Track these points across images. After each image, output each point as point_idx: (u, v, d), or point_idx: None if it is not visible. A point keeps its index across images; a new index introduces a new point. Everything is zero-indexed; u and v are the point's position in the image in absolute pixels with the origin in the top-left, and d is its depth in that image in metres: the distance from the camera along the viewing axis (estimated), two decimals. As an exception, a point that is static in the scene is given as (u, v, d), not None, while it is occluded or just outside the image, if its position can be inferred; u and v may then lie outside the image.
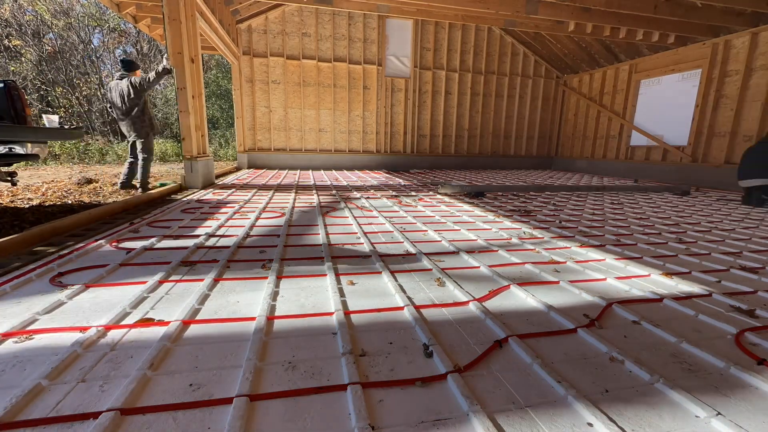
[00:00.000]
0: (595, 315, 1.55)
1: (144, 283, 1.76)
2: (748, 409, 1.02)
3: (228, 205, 3.93)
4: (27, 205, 4.52)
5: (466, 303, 1.64)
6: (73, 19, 16.03)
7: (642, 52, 8.54)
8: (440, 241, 2.69)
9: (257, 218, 3.31)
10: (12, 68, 15.21)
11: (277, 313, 1.50)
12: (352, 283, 1.84)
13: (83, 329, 1.32)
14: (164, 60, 4.91)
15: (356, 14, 9.19)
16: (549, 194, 5.63)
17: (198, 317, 1.45)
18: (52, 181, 7.06)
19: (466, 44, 10.06)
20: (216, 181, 6.18)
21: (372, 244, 2.57)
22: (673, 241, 2.87)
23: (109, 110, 5.47)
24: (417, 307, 1.57)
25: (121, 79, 5.26)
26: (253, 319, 1.43)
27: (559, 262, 2.26)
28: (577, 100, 10.64)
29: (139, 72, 5.43)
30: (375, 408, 0.98)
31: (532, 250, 2.52)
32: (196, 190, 5.10)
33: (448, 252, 2.43)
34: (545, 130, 11.38)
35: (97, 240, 2.46)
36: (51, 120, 4.22)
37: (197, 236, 2.66)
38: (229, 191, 5.03)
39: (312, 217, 3.42)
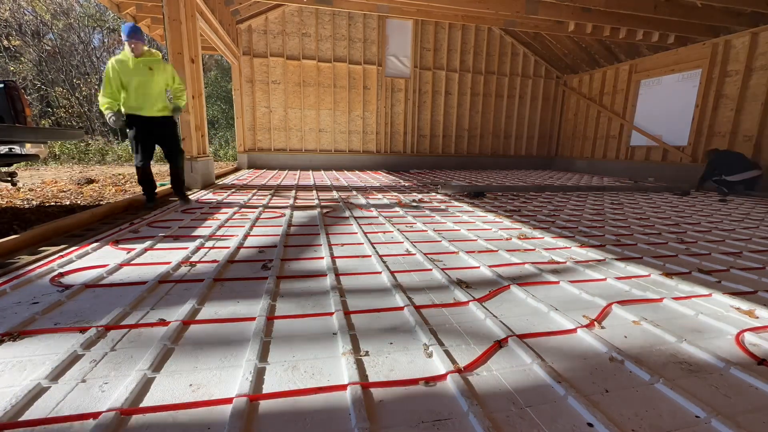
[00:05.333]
0: (595, 315, 1.55)
1: (144, 283, 1.76)
2: (748, 409, 1.02)
3: (228, 206, 3.93)
4: (27, 206, 4.52)
5: (466, 303, 1.64)
6: (73, 20, 16.03)
7: (642, 52, 8.54)
8: (440, 241, 2.69)
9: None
10: (12, 68, 15.22)
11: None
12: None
13: (83, 329, 1.32)
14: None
15: (356, 14, 9.19)
16: (549, 194, 5.63)
17: (198, 317, 1.45)
18: (53, 181, 7.06)
19: (466, 44, 10.06)
20: (216, 182, 6.17)
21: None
22: (673, 241, 2.87)
23: None
24: (417, 307, 1.57)
25: None
26: (253, 319, 1.43)
27: (559, 262, 2.26)
28: (577, 100, 10.64)
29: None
30: (375, 408, 0.98)
31: (532, 250, 2.52)
32: (195, 190, 5.10)
33: (448, 252, 2.43)
34: (545, 130, 11.38)
35: (97, 240, 2.46)
36: None
37: (197, 237, 2.65)
38: (229, 191, 5.03)
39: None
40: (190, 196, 4.50)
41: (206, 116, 6.20)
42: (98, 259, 2.10)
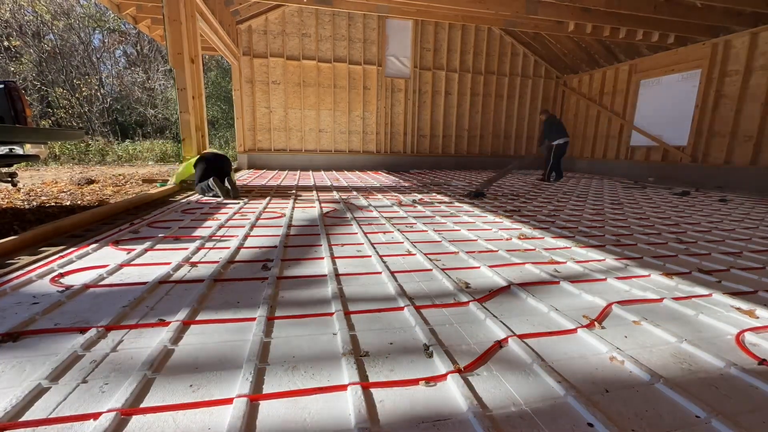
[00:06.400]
0: (595, 315, 1.55)
1: (144, 283, 1.76)
2: (748, 409, 1.02)
3: (228, 206, 3.93)
4: (28, 206, 4.52)
5: (466, 303, 1.64)
6: (73, 20, 16.04)
7: (642, 52, 8.55)
8: (440, 241, 2.69)
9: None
10: (12, 68, 15.22)
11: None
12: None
13: (83, 329, 1.32)
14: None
15: (356, 15, 9.20)
16: (549, 195, 5.63)
17: (198, 317, 1.45)
18: (53, 181, 7.06)
19: (466, 44, 10.06)
20: (216, 182, 6.16)
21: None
22: (673, 241, 2.87)
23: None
24: (417, 308, 1.57)
25: None
26: (253, 319, 1.43)
27: (559, 262, 2.26)
28: (577, 100, 10.64)
29: None
30: (375, 408, 0.98)
31: (532, 250, 2.52)
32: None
33: (448, 252, 2.43)
34: (545, 130, 11.38)
35: (97, 240, 2.46)
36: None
37: (197, 237, 2.66)
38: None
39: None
40: (190, 197, 4.50)
41: (206, 116, 6.21)
42: (98, 260, 2.10)
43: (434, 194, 5.22)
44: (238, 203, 4.10)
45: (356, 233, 2.87)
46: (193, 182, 4.73)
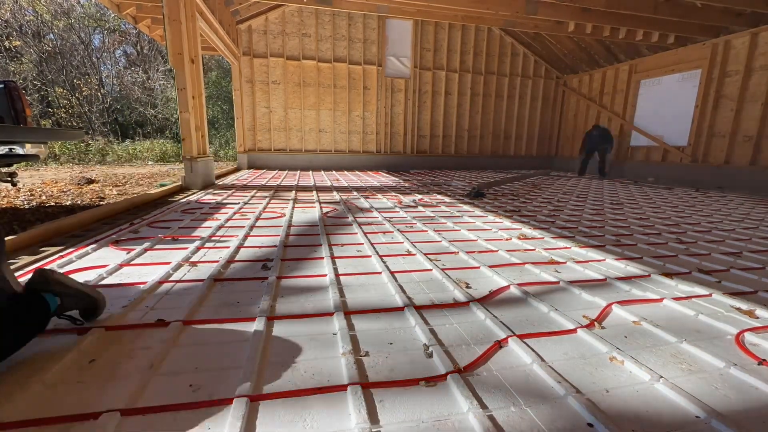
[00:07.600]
0: (595, 315, 1.55)
1: (144, 283, 1.76)
2: (748, 409, 1.02)
3: (228, 206, 3.93)
4: (27, 206, 4.52)
5: (466, 303, 1.64)
6: (73, 20, 16.04)
7: (642, 52, 8.55)
8: (440, 241, 2.69)
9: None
10: (12, 68, 15.22)
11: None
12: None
13: (83, 330, 1.32)
14: None
15: (356, 15, 9.20)
16: (549, 195, 5.63)
17: (198, 317, 1.45)
18: (53, 181, 7.06)
19: (466, 45, 10.06)
20: (216, 182, 6.18)
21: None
22: (673, 241, 2.87)
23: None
24: (417, 308, 1.57)
25: None
26: (253, 319, 1.43)
27: (559, 263, 2.26)
28: (577, 100, 10.64)
29: None
30: (375, 408, 0.98)
31: (532, 250, 2.52)
32: (195, 190, 5.10)
33: (448, 252, 2.43)
34: (545, 130, 11.39)
35: (97, 240, 2.46)
36: None
37: (197, 238, 2.65)
38: (229, 192, 5.02)
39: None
40: (190, 197, 4.50)
41: (206, 116, 6.21)
42: (98, 260, 2.10)
43: (434, 194, 5.22)
44: (238, 203, 4.09)
45: (356, 233, 2.87)
46: None
